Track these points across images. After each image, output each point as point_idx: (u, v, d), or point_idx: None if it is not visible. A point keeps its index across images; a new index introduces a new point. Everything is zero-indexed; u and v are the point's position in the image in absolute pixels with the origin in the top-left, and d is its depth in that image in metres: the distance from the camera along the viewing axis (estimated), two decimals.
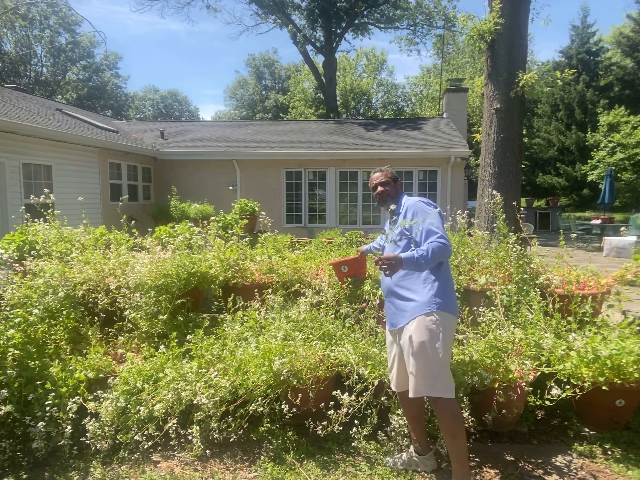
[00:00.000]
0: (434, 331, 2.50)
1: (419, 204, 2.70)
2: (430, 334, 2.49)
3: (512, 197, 5.56)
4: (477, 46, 5.93)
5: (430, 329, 2.50)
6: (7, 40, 32.22)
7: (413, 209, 2.68)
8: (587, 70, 25.88)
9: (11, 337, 3.14)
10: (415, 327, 2.52)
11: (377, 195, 2.92)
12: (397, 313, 2.68)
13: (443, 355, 2.50)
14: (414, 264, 2.43)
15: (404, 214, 2.73)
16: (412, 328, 2.53)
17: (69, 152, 10.22)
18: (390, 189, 2.90)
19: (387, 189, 2.89)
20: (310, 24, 24.46)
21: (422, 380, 2.48)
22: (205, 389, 2.96)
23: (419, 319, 2.53)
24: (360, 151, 13.03)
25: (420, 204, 2.70)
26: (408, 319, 2.57)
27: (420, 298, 2.56)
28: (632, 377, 2.97)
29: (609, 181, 14.58)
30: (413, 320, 2.54)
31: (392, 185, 2.92)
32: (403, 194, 2.92)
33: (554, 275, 4.10)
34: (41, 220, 4.80)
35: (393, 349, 2.78)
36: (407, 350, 2.56)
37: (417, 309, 2.55)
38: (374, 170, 3.01)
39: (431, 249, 2.44)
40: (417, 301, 2.56)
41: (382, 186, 2.90)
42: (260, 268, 4.44)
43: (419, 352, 2.49)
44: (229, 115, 46.91)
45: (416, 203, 2.71)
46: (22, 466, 2.89)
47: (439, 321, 2.51)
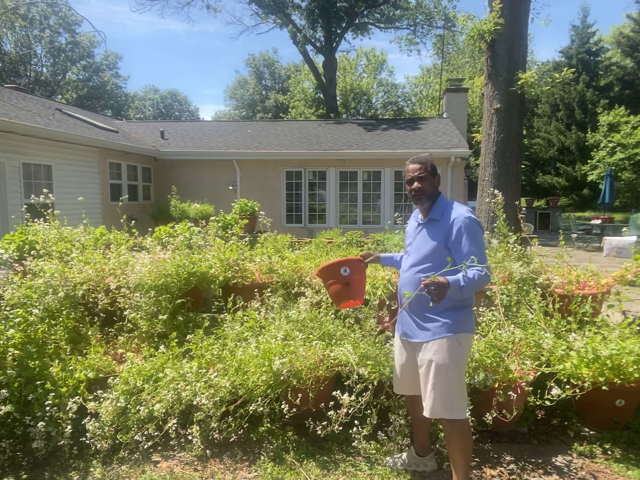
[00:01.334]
0: (457, 355, 2.39)
1: (471, 223, 2.36)
2: (453, 357, 2.37)
3: (512, 197, 5.56)
4: (477, 46, 5.93)
5: (453, 352, 2.37)
6: (7, 40, 32.24)
7: (464, 229, 2.34)
8: (587, 70, 25.86)
9: (11, 337, 3.14)
10: (438, 348, 2.38)
11: (413, 191, 2.52)
12: (416, 327, 2.49)
13: (462, 377, 2.44)
14: (457, 290, 2.20)
15: (449, 229, 2.37)
16: (434, 349, 2.39)
17: (69, 152, 10.22)
18: (429, 186, 2.50)
19: (425, 185, 2.49)
20: (310, 24, 24.46)
21: (440, 402, 2.37)
22: (205, 389, 2.96)
23: (442, 342, 2.38)
24: (360, 151, 13.03)
25: (471, 224, 2.36)
26: (429, 337, 2.41)
27: (445, 319, 2.39)
28: (632, 377, 2.97)
29: (609, 181, 14.58)
30: (435, 341, 2.39)
31: (431, 181, 2.51)
32: (441, 193, 2.58)
33: (554, 275, 4.10)
34: (41, 220, 4.80)
35: (403, 358, 2.64)
36: (425, 369, 2.42)
37: (441, 330, 2.38)
38: (411, 159, 2.57)
39: (477, 278, 2.24)
40: (441, 321, 2.39)
41: (420, 181, 2.49)
42: (260, 268, 4.44)
43: (439, 374, 2.37)
44: (229, 115, 46.91)
45: (468, 222, 2.35)
46: (22, 466, 2.89)
47: (462, 344, 2.40)
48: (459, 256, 2.31)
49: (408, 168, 2.55)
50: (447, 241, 2.37)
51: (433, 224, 2.47)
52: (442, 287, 2.13)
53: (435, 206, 2.50)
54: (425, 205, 2.51)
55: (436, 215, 2.47)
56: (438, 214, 2.47)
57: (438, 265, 2.34)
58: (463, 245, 2.32)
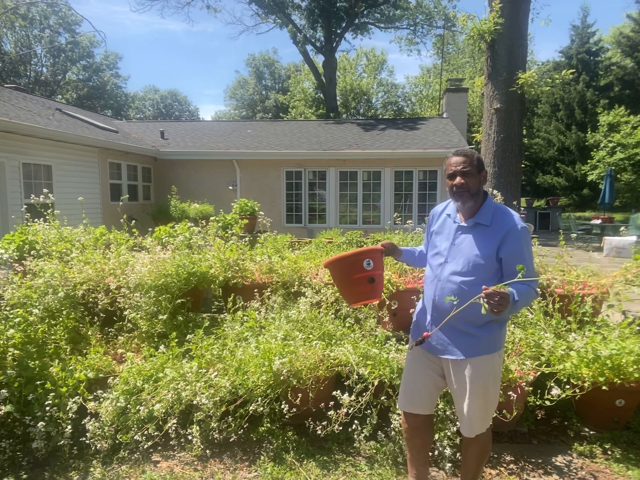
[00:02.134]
0: (497, 372, 2.24)
1: (527, 234, 2.15)
2: (493, 375, 2.22)
3: (512, 197, 5.57)
4: (477, 46, 5.94)
5: (494, 370, 2.22)
6: (7, 40, 32.25)
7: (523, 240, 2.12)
8: (587, 70, 25.86)
9: (11, 337, 3.14)
10: (478, 367, 2.17)
11: (455, 187, 2.19)
12: (450, 342, 2.21)
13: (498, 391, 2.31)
14: (511, 305, 1.95)
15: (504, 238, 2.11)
16: (474, 368, 2.17)
17: (69, 152, 10.22)
18: (473, 183, 2.18)
19: (469, 181, 2.17)
20: (310, 24, 24.47)
21: (480, 421, 2.23)
22: (205, 389, 2.96)
23: (483, 359, 2.17)
24: (360, 151, 13.03)
25: (527, 235, 2.15)
26: (466, 355, 2.17)
27: (485, 334, 2.16)
28: (632, 377, 2.97)
29: (609, 181, 14.59)
30: (478, 358, 2.17)
31: (477, 178, 2.20)
32: (487, 193, 2.28)
33: (554, 275, 4.10)
34: (41, 220, 4.81)
35: (425, 375, 2.35)
36: (462, 388, 2.21)
37: (481, 348, 2.16)
38: (455, 151, 2.27)
39: (529, 294, 2.06)
40: (480, 338, 2.16)
41: (463, 177, 2.18)
42: (260, 268, 4.44)
43: (479, 394, 2.18)
44: (229, 115, 46.92)
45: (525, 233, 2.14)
46: (22, 466, 2.89)
47: (501, 358, 2.26)
48: (511, 270, 2.03)
49: (451, 161, 2.24)
50: (499, 251, 2.11)
51: (481, 229, 2.17)
52: (506, 299, 1.88)
53: (484, 209, 2.20)
54: (467, 205, 2.19)
55: (485, 219, 2.17)
56: (487, 218, 2.17)
57: (487, 277, 2.10)
58: (518, 259, 2.06)
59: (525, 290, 2.02)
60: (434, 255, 2.32)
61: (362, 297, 2.32)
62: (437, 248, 2.30)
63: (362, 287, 2.26)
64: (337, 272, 2.36)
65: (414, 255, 2.53)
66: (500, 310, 1.88)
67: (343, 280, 2.34)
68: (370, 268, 2.24)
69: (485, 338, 2.16)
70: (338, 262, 2.31)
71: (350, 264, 2.27)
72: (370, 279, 2.23)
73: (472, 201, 2.18)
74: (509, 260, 2.09)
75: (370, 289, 2.26)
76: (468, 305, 1.97)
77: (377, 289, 2.29)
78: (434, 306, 2.25)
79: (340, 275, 2.34)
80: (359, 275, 2.24)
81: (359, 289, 2.27)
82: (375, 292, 2.29)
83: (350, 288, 2.32)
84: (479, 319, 2.10)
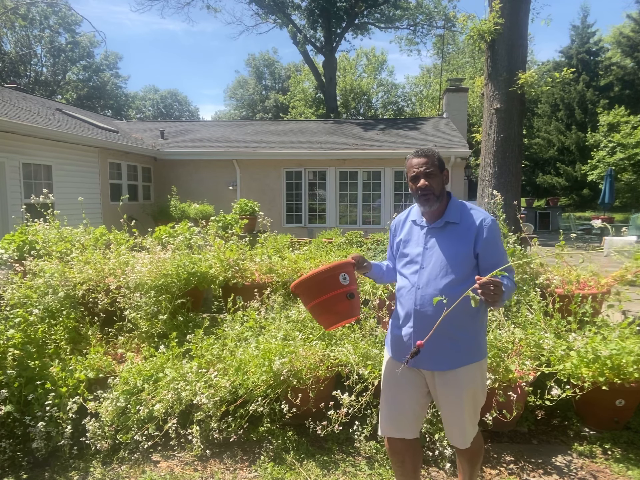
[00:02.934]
0: (484, 379, 2.20)
1: (497, 226, 2.11)
2: (482, 382, 2.16)
3: (512, 197, 5.56)
4: (477, 46, 5.93)
5: (482, 377, 2.16)
6: (7, 40, 32.24)
7: (495, 232, 2.08)
8: (587, 70, 25.87)
9: (11, 337, 3.14)
10: (467, 377, 2.07)
11: (419, 190, 2.06)
12: (434, 353, 2.04)
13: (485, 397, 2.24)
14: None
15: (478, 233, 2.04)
16: (463, 378, 2.06)
17: (69, 152, 10.22)
18: (437, 184, 2.08)
19: (433, 182, 2.07)
20: (310, 24, 24.46)
21: (471, 428, 2.16)
22: (205, 389, 2.96)
23: (472, 367, 2.08)
24: (360, 151, 13.02)
25: (497, 227, 2.11)
26: (454, 365, 2.05)
27: (473, 339, 2.09)
28: (632, 377, 2.97)
29: (609, 181, 14.59)
30: (466, 367, 2.06)
31: (439, 178, 2.10)
32: (449, 192, 2.20)
33: (554, 275, 4.10)
34: (41, 220, 4.81)
35: (408, 391, 2.16)
36: (451, 401, 2.09)
37: (469, 355, 2.08)
38: (414, 152, 2.14)
39: (511, 286, 1.99)
40: (467, 344, 2.07)
41: (427, 178, 2.06)
42: (260, 268, 4.44)
43: (470, 404, 2.11)
44: (229, 115, 46.91)
45: (495, 225, 2.10)
46: (22, 466, 2.89)
47: (486, 365, 2.21)
48: (489, 264, 2.01)
49: (412, 162, 2.11)
50: (476, 246, 2.04)
51: (452, 228, 2.09)
52: (500, 287, 1.80)
53: (451, 207, 2.13)
54: (434, 207, 2.09)
55: (454, 217, 2.10)
56: (456, 216, 2.10)
57: (467, 275, 2.03)
58: (494, 252, 2.03)
59: (507, 282, 1.96)
60: (405, 265, 2.18)
61: (342, 317, 2.08)
62: (409, 256, 2.16)
63: (341, 306, 2.04)
64: (311, 292, 2.07)
65: (382, 270, 2.36)
66: (496, 300, 1.80)
67: (317, 301, 2.04)
68: (347, 283, 2.03)
69: (471, 344, 2.07)
70: (311, 281, 2.04)
71: (325, 280, 2.02)
72: (349, 294, 2.03)
73: (438, 203, 2.09)
74: (485, 254, 2.04)
75: (349, 306, 2.05)
76: (455, 309, 1.87)
77: (356, 306, 2.10)
78: (415, 316, 2.08)
79: (314, 295, 2.05)
80: (336, 292, 2.01)
81: (337, 308, 2.04)
82: (354, 310, 2.09)
83: (327, 308, 2.05)
84: (467, 321, 2.05)
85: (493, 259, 2.01)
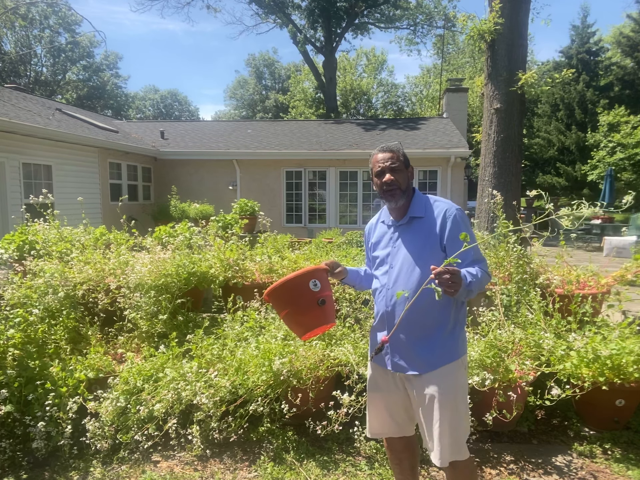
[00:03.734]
0: (463, 382, 2.03)
1: (463, 215, 2.04)
2: (460, 386, 2.01)
3: (512, 197, 5.56)
4: (477, 46, 5.94)
5: (460, 380, 2.01)
6: (7, 40, 32.26)
7: (461, 222, 2.01)
8: (587, 70, 25.85)
9: (11, 337, 3.14)
10: (443, 378, 1.96)
11: (385, 185, 2.05)
12: (412, 355, 2.00)
13: (467, 406, 2.08)
14: (464, 287, 1.80)
15: (442, 223, 2.00)
16: (439, 379, 1.96)
17: (69, 152, 10.22)
18: (403, 179, 2.07)
19: (399, 177, 2.05)
20: (310, 24, 24.47)
21: (450, 445, 1.95)
22: (205, 389, 2.96)
23: (447, 369, 1.97)
24: (360, 151, 13.02)
25: (464, 216, 2.05)
26: (426, 368, 1.97)
27: (448, 337, 1.99)
28: (632, 377, 2.97)
29: (609, 181, 14.59)
30: (440, 370, 1.96)
31: (405, 174, 2.08)
32: (415, 188, 2.18)
33: (554, 275, 4.10)
34: (41, 220, 4.81)
35: (392, 395, 2.12)
36: (426, 408, 1.98)
37: (444, 355, 1.98)
38: (379, 148, 2.13)
39: (481, 275, 1.91)
40: (444, 342, 1.98)
41: (392, 173, 2.04)
42: (260, 268, 4.44)
43: (446, 411, 1.94)
44: (229, 115, 46.91)
45: (462, 215, 2.03)
46: (22, 466, 2.89)
47: (464, 365, 2.05)
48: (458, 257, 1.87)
49: (377, 157, 2.09)
50: (442, 239, 1.99)
51: (417, 222, 2.06)
52: (457, 275, 1.72)
53: (415, 202, 2.09)
54: (400, 203, 2.07)
55: (418, 212, 2.06)
56: (420, 210, 2.06)
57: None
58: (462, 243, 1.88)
59: (476, 272, 1.89)
60: (377, 267, 2.17)
61: (314, 324, 2.02)
62: (380, 256, 2.15)
63: (313, 313, 1.98)
64: (281, 301, 2.04)
65: (360, 275, 2.28)
66: (455, 289, 1.71)
67: (288, 309, 2.02)
68: (317, 289, 1.98)
69: (445, 343, 1.98)
70: (280, 289, 1.99)
71: (293, 287, 1.99)
72: (321, 300, 1.96)
73: (404, 198, 2.06)
74: (452, 245, 1.95)
75: (321, 313, 1.99)
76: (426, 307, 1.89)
77: (329, 313, 2.03)
78: (387, 318, 2.07)
79: (284, 304, 2.02)
80: (306, 300, 1.97)
81: (309, 315, 2.00)
82: (327, 317, 2.02)
83: (298, 317, 2.02)
84: (439, 318, 1.98)
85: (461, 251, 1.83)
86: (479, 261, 1.98)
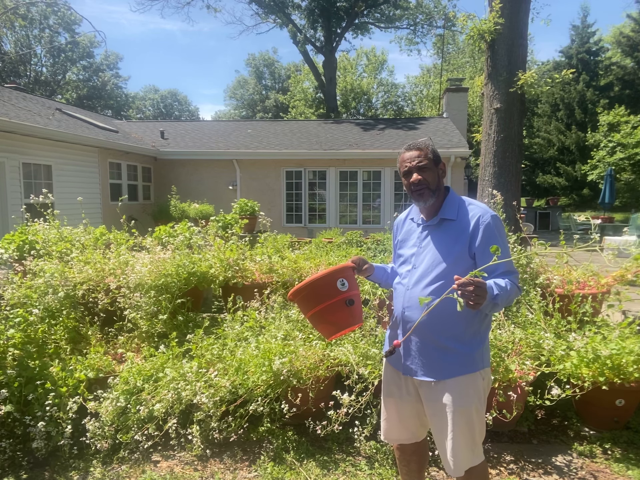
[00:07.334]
0: (482, 394, 1.94)
1: (499, 223, 1.91)
2: (478, 398, 1.92)
3: (512, 196, 5.56)
4: (477, 46, 5.93)
5: (478, 392, 1.92)
6: (7, 40, 32.25)
7: (495, 229, 1.88)
8: (587, 70, 25.85)
9: (11, 337, 3.14)
10: (461, 389, 1.88)
11: (412, 185, 1.95)
12: (426, 361, 1.93)
13: (484, 418, 2.03)
14: (490, 300, 1.70)
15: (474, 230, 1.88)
16: (455, 390, 1.88)
17: (69, 152, 10.22)
18: (432, 177, 1.95)
19: (427, 176, 1.94)
20: (310, 24, 24.47)
21: (465, 455, 1.90)
22: (205, 389, 2.96)
23: (465, 379, 1.89)
24: (360, 151, 13.02)
25: (499, 224, 1.91)
26: (442, 376, 1.90)
27: (468, 350, 1.90)
28: (632, 377, 2.97)
29: (609, 181, 14.59)
30: (456, 379, 1.89)
31: (434, 172, 1.96)
32: (449, 187, 2.05)
33: (554, 274, 4.10)
34: (41, 220, 4.81)
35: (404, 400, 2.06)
36: (439, 418, 1.92)
37: (463, 365, 1.89)
38: (407, 146, 2.01)
39: (510, 288, 1.79)
40: (458, 354, 1.89)
41: (420, 172, 1.93)
42: (260, 268, 4.44)
43: (462, 423, 1.87)
44: (229, 115, 46.91)
45: (497, 222, 1.90)
46: (22, 466, 2.90)
47: (485, 380, 1.95)
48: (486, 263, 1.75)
49: (403, 157, 1.98)
50: (472, 246, 1.88)
51: (447, 225, 1.95)
52: (482, 288, 1.62)
53: (447, 203, 1.98)
54: (429, 203, 1.96)
55: (450, 214, 1.94)
56: (453, 212, 1.94)
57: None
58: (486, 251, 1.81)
59: (505, 284, 1.78)
60: (400, 265, 2.10)
61: (342, 326, 1.95)
62: (404, 255, 2.07)
63: (340, 314, 1.91)
64: (308, 301, 1.96)
65: (387, 273, 2.22)
66: (478, 302, 1.61)
67: (315, 309, 1.93)
68: (345, 289, 1.90)
69: (464, 354, 1.89)
70: (306, 289, 1.91)
71: (321, 287, 1.90)
72: (349, 300, 1.89)
73: (434, 198, 1.95)
74: (481, 255, 1.85)
75: (349, 313, 1.92)
76: (446, 316, 1.80)
77: (356, 313, 1.95)
78: (403, 319, 1.99)
79: (311, 304, 1.94)
80: (334, 300, 1.89)
81: (336, 316, 1.92)
82: (355, 317, 1.95)
83: (326, 317, 1.94)
84: (459, 329, 1.89)
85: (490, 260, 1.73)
86: (510, 273, 1.86)
